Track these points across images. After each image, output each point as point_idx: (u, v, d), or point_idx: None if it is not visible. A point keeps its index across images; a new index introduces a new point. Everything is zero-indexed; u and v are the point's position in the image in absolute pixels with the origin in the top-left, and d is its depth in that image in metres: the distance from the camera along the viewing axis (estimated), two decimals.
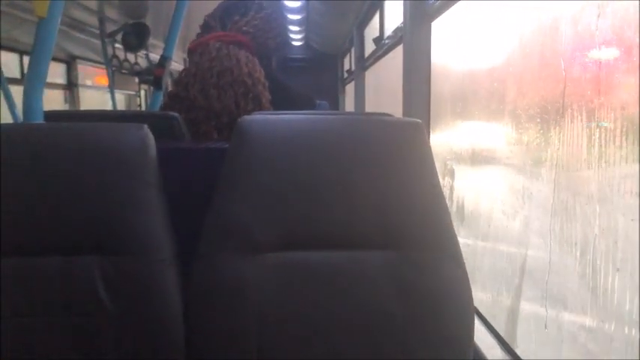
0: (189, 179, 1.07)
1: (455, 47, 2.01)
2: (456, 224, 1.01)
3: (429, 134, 2.00)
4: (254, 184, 0.93)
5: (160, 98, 3.26)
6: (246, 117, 0.97)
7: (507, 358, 1.36)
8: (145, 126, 0.95)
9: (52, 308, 0.89)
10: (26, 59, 4.65)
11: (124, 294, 0.90)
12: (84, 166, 0.92)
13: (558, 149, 1.16)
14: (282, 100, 1.37)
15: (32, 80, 1.27)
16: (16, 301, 0.89)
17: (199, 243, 0.93)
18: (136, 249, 0.91)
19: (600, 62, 1.00)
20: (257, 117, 0.99)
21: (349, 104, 6.56)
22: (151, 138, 0.95)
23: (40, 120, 1.27)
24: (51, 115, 1.22)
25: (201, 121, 1.27)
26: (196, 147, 1.13)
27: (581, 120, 1.06)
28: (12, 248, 0.90)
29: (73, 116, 1.17)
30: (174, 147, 1.11)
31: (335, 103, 7.11)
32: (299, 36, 6.53)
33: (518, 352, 1.35)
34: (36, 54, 1.26)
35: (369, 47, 4.27)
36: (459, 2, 1.83)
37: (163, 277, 0.91)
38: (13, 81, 3.87)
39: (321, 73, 7.28)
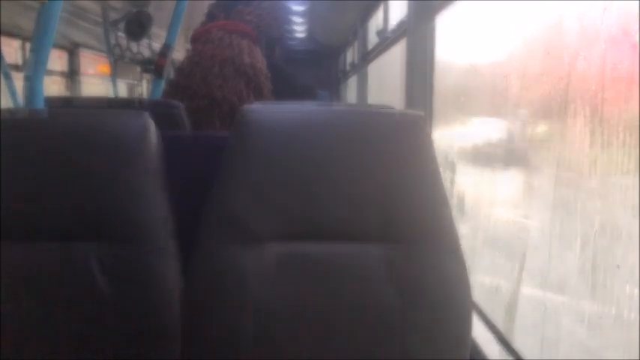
0: (190, 168, 1.06)
1: (460, 41, 2.00)
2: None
3: (430, 128, 2.00)
4: (254, 174, 0.92)
5: (162, 87, 3.25)
6: (247, 106, 0.97)
7: (505, 353, 1.37)
8: (146, 113, 0.94)
9: (50, 293, 0.90)
10: (29, 46, 4.66)
11: (123, 281, 0.90)
12: (84, 152, 0.92)
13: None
14: (284, 90, 1.37)
15: (34, 66, 1.27)
16: (15, 285, 0.89)
17: (198, 231, 0.93)
18: (136, 236, 0.91)
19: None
20: (258, 107, 0.98)
21: (351, 97, 6.56)
22: (151, 125, 0.95)
23: (41, 106, 1.27)
24: (52, 101, 1.22)
25: (202, 110, 1.26)
26: (197, 135, 1.12)
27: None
28: (10, 233, 0.90)
29: (74, 102, 1.17)
30: (175, 135, 1.11)
31: (337, 95, 7.11)
32: (302, 28, 6.51)
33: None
34: (38, 39, 1.26)
35: (372, 41, 4.27)
36: None
37: (162, 265, 0.92)
38: (15, 67, 3.86)
39: (324, 65, 7.27)
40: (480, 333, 1.46)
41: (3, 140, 0.90)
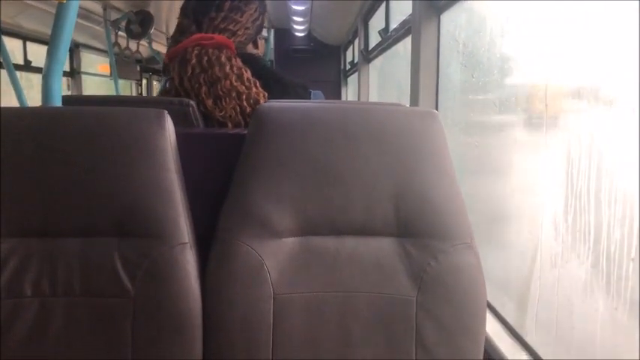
0: (207, 164, 1.07)
1: None
2: None
3: None
4: (272, 171, 0.94)
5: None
6: (265, 104, 0.98)
7: (518, 347, 1.38)
8: (165, 112, 0.95)
9: (72, 289, 0.91)
10: (29, 45, 4.66)
11: (143, 276, 0.91)
12: (104, 149, 0.93)
13: None
14: (276, 91, 1.31)
15: (51, 65, 1.26)
16: (38, 281, 0.91)
17: (218, 228, 0.95)
18: (156, 232, 0.92)
19: None
20: (275, 104, 1.00)
21: (350, 96, 6.56)
22: (170, 123, 0.96)
23: (59, 104, 1.28)
24: (69, 100, 1.23)
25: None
26: (214, 133, 1.13)
27: None
28: (33, 229, 0.92)
29: (91, 101, 1.18)
30: (192, 132, 1.12)
31: (337, 94, 7.11)
32: (302, 27, 6.51)
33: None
34: (55, 39, 1.26)
35: (373, 39, 4.28)
36: None
37: (182, 260, 0.93)
38: (17, 67, 3.86)
39: (324, 64, 7.26)
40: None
41: (22, 138, 0.92)
